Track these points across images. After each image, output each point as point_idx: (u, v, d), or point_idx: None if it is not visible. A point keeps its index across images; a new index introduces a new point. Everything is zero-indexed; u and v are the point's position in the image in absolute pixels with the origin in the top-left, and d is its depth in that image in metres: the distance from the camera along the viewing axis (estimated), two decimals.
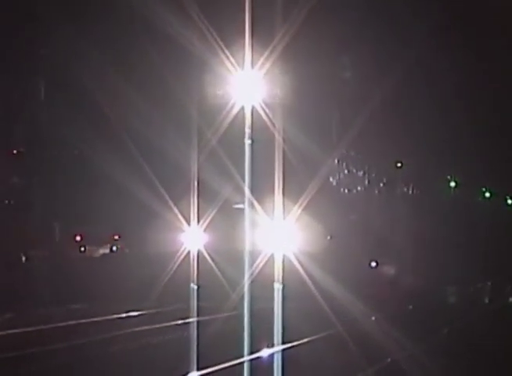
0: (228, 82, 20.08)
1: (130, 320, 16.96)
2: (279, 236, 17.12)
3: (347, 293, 18.73)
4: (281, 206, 17.29)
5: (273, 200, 17.20)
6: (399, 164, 34.08)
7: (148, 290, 18.59)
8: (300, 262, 18.03)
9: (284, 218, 17.66)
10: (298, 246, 18.18)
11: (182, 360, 11.73)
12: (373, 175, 28.37)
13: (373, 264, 28.96)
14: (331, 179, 21.72)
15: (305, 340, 13.60)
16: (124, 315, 17.37)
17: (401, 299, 22.54)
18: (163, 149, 21.37)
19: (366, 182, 26.99)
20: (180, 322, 15.64)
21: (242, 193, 18.76)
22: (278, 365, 9.85)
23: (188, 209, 18.61)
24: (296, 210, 18.19)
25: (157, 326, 15.82)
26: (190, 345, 12.36)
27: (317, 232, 19.22)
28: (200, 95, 20.42)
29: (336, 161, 22.58)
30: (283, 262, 14.79)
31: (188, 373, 10.22)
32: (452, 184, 48.19)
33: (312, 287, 18.38)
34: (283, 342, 11.41)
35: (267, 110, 19.06)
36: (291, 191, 18.44)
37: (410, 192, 36.68)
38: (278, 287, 12.23)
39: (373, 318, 18.29)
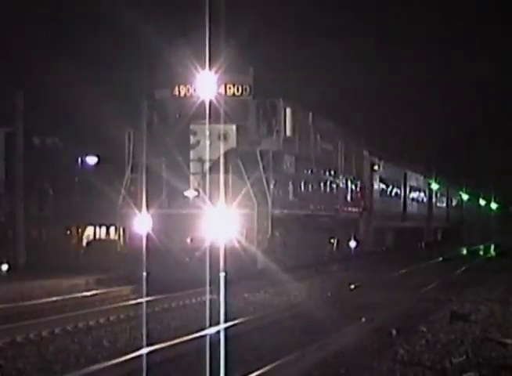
0: (184, 77, 20.50)
1: None
2: (222, 226, 17.47)
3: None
4: (225, 197, 17.77)
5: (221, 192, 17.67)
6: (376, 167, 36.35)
7: None
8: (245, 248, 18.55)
9: (228, 208, 18.08)
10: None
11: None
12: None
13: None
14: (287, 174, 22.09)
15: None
16: None
17: None
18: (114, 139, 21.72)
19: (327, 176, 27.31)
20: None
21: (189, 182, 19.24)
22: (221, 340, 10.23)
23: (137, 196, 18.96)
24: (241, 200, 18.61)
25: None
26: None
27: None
28: (151, 89, 20.76)
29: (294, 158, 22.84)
30: (225, 251, 15.34)
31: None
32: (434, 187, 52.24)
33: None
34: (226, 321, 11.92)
35: (222, 104, 19.56)
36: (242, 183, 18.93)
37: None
38: (221, 274, 12.69)
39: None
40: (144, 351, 10.20)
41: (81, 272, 22.12)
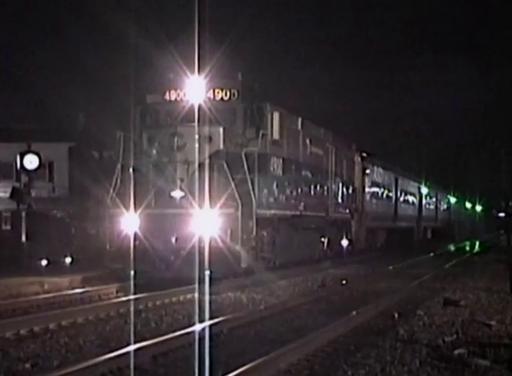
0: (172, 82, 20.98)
1: None
2: (207, 226, 17.87)
3: None
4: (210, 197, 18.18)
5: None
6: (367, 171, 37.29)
7: None
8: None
9: (213, 208, 18.47)
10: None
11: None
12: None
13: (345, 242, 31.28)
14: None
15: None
16: None
17: None
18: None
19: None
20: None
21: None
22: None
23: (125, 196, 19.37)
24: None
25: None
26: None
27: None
28: (142, 94, 21.26)
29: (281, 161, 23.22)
30: (210, 250, 16.16)
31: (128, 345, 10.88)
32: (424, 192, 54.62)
33: None
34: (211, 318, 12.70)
35: (210, 108, 19.96)
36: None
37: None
38: (206, 273, 13.27)
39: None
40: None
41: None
